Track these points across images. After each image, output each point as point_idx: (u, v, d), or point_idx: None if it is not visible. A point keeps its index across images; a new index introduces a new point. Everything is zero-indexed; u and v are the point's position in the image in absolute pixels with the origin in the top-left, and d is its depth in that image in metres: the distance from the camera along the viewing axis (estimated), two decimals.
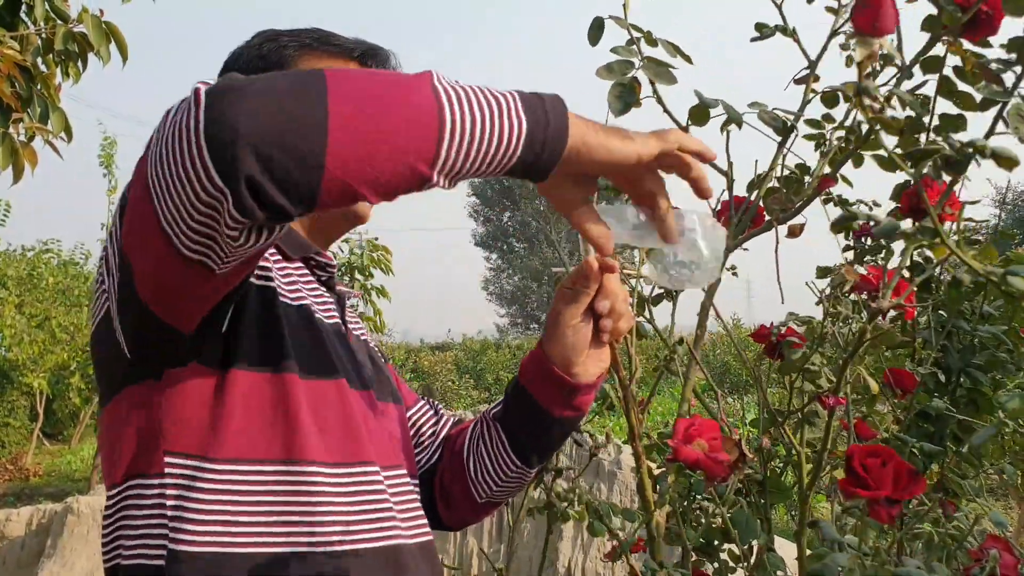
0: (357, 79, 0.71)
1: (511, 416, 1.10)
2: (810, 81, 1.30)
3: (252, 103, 0.66)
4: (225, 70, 1.09)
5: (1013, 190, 22.08)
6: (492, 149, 0.74)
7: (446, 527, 1.20)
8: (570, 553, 4.48)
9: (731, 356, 15.35)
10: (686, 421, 0.96)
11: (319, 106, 0.67)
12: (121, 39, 2.76)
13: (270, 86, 0.68)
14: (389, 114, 0.69)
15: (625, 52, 1.15)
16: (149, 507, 0.86)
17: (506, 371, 19.43)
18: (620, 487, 4.52)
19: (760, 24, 1.31)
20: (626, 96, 1.15)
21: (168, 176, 0.70)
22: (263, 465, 0.87)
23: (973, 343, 1.65)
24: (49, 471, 11.43)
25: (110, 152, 9.63)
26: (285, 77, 0.70)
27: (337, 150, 0.67)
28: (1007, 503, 3.02)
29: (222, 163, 0.66)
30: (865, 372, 1.12)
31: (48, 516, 5.43)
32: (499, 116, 0.74)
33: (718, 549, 1.45)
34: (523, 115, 0.75)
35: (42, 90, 2.68)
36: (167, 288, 0.80)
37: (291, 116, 0.66)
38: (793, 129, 1.27)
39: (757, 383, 1.34)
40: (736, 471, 0.92)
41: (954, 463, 1.68)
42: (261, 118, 0.65)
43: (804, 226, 1.30)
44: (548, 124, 0.76)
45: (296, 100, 0.67)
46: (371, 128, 0.69)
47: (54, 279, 10.94)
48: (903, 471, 0.84)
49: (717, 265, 0.88)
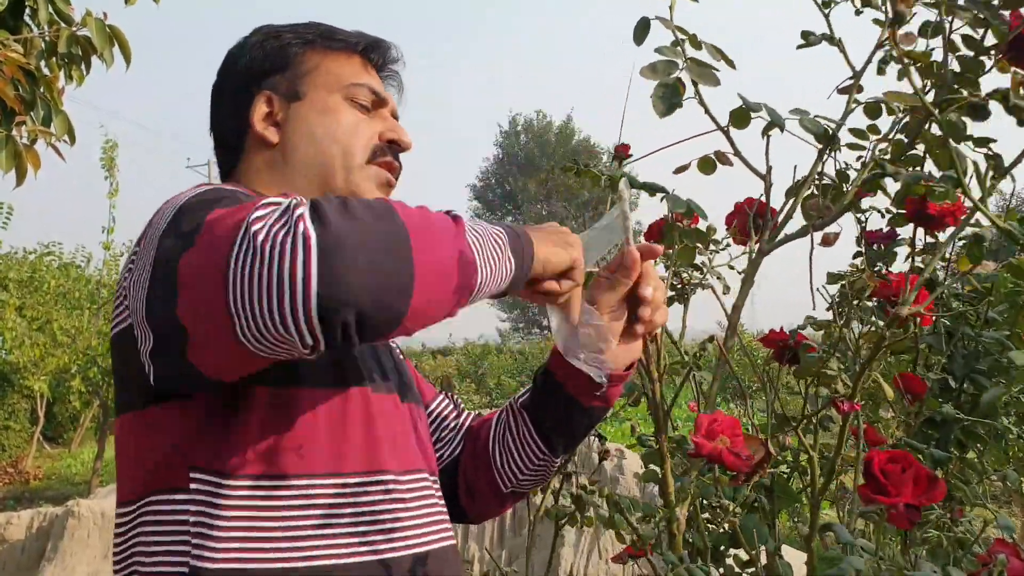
0: (430, 236, 0.76)
1: (539, 403, 1.10)
2: (853, 91, 1.29)
3: (362, 266, 0.69)
4: (226, 70, 1.09)
5: (1018, 196, 22.04)
6: (497, 283, 0.84)
7: (468, 520, 1.20)
8: (572, 559, 4.47)
9: (735, 362, 15.32)
10: (708, 417, 0.96)
11: (407, 268, 0.72)
12: (124, 42, 2.75)
13: (372, 243, 0.71)
14: (449, 277, 0.76)
15: (670, 53, 1.14)
16: (169, 523, 0.86)
17: (508, 375, 19.41)
18: (623, 492, 4.51)
19: (806, 32, 1.31)
20: (670, 96, 1.13)
21: (260, 303, 0.70)
22: (285, 480, 0.86)
23: (977, 348, 1.65)
24: (49, 474, 11.42)
25: (111, 155, 9.64)
26: (379, 228, 0.72)
27: (416, 307, 0.73)
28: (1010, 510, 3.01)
29: (328, 324, 0.69)
30: (881, 379, 1.11)
31: (49, 519, 5.42)
32: (501, 258, 0.83)
33: (724, 555, 1.44)
34: (510, 253, 0.85)
35: (45, 93, 2.67)
36: (224, 365, 0.80)
37: (388, 277, 0.71)
38: (834, 137, 1.26)
39: (764, 387, 1.33)
40: (760, 470, 0.92)
41: (958, 469, 1.67)
42: (367, 281, 0.70)
43: (839, 235, 1.28)
44: (523, 254, 0.86)
45: (392, 260, 0.71)
46: (438, 290, 0.76)
47: (55, 282, 10.92)
48: (923, 477, 0.83)
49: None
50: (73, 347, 9.99)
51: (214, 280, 0.71)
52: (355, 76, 1.06)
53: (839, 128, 1.25)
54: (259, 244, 0.69)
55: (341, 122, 1.03)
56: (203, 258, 0.74)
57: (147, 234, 0.88)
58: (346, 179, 1.02)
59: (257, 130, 1.03)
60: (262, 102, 1.04)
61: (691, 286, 1.42)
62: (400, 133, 1.07)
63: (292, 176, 1.03)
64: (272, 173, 1.03)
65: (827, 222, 1.24)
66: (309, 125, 1.03)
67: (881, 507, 0.83)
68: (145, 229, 0.90)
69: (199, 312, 0.76)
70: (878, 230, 1.50)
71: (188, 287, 0.76)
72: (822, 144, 1.25)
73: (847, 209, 1.25)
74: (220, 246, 0.72)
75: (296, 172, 1.02)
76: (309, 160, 1.02)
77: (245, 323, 0.70)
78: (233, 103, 1.06)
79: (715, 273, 1.36)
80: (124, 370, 0.92)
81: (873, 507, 0.84)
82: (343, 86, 1.04)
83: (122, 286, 0.91)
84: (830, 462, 1.18)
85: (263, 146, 1.04)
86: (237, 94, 1.06)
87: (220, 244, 0.72)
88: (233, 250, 0.70)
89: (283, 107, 1.04)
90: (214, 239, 0.73)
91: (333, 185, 1.02)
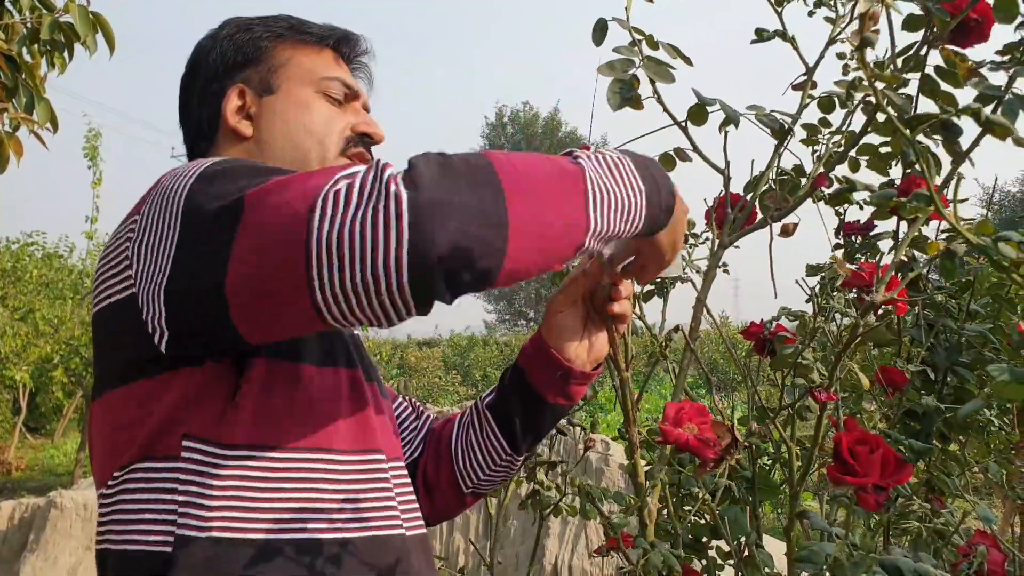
0: (529, 183, 0.74)
1: (505, 400, 1.12)
2: (807, 87, 1.33)
3: (453, 225, 0.68)
4: (196, 62, 1.09)
5: (1000, 190, 22.26)
6: (620, 231, 0.83)
7: (425, 522, 1.21)
8: (556, 550, 4.49)
9: (719, 354, 15.43)
10: (676, 405, 0.96)
11: (502, 218, 0.71)
12: (108, 29, 2.73)
13: (462, 200, 0.69)
14: (556, 205, 0.75)
15: (627, 52, 1.18)
16: (153, 491, 0.85)
17: (493, 367, 19.45)
18: (608, 484, 4.53)
19: (760, 29, 1.34)
20: (624, 92, 1.17)
21: (347, 271, 0.69)
22: (280, 452, 0.86)
23: (960, 341, 1.66)
24: (32, 465, 11.37)
25: (95, 144, 9.57)
26: (469, 181, 0.71)
27: (515, 256, 0.72)
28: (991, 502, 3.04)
29: (419, 290, 0.69)
30: (857, 368, 1.12)
31: (31, 510, 5.39)
32: (631, 210, 0.82)
33: (707, 546, 1.45)
34: (644, 205, 0.84)
35: (27, 80, 2.65)
36: (277, 326, 0.78)
37: (480, 231, 0.69)
38: (790, 132, 1.29)
39: (746, 379, 1.34)
40: (727, 456, 0.92)
41: (940, 461, 1.69)
42: (459, 241, 0.68)
43: (797, 225, 1.31)
44: (660, 208, 0.86)
45: (483, 216, 0.70)
46: (543, 231, 0.74)
47: (38, 272, 10.85)
48: (891, 458, 0.84)
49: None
50: (56, 337, 9.94)
51: (290, 243, 0.70)
52: (327, 70, 1.07)
53: (795, 123, 1.30)
54: (346, 208, 0.69)
55: (314, 116, 1.04)
56: (271, 220, 0.73)
57: (153, 200, 0.85)
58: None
59: (230, 123, 1.04)
60: (234, 95, 1.04)
61: (670, 279, 1.43)
62: (372, 126, 1.08)
63: None
64: None
65: (784, 213, 1.27)
66: (283, 119, 1.04)
67: (850, 489, 0.84)
68: (147, 196, 0.87)
69: (262, 276, 0.74)
70: (856, 221, 1.52)
71: (252, 249, 0.74)
72: (778, 139, 1.29)
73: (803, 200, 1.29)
74: (297, 208, 0.71)
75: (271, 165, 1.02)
76: (284, 154, 1.03)
77: (325, 285, 0.70)
78: (205, 95, 1.07)
79: (694, 267, 1.37)
80: (112, 342, 0.90)
81: (843, 489, 0.85)
82: (315, 80, 1.06)
83: (118, 254, 0.88)
84: (808, 453, 1.19)
85: (236, 138, 1.05)
86: (209, 86, 1.06)
87: (297, 206, 0.71)
88: (315, 213, 0.69)
89: (255, 101, 1.05)
90: (284, 202, 0.72)
91: None
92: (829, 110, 1.40)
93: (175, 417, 0.85)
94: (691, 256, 1.38)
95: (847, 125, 1.34)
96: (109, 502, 0.89)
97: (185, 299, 0.81)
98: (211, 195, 0.79)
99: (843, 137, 1.35)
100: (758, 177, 1.34)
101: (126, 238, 0.87)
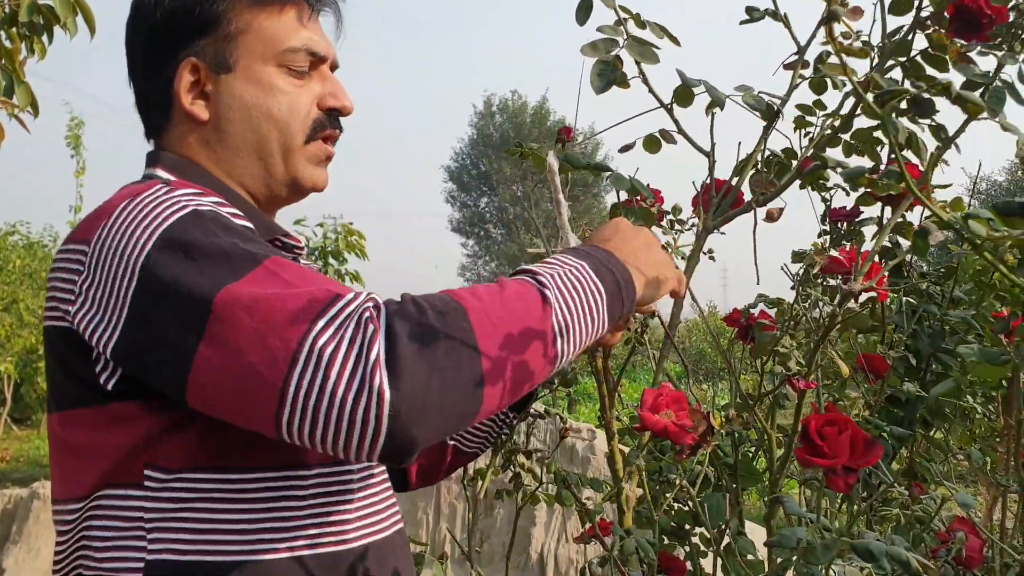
0: (503, 338, 0.76)
1: None
2: (798, 67, 1.30)
3: (434, 424, 0.73)
4: (137, 21, 0.98)
5: (987, 179, 22.32)
6: (592, 334, 0.86)
7: (409, 487, 1.22)
8: (543, 539, 4.49)
9: (706, 344, 15.47)
10: (654, 392, 0.96)
11: (478, 395, 0.75)
12: (88, 11, 2.69)
13: (442, 385, 0.73)
14: (528, 351, 0.78)
15: (611, 31, 1.15)
16: (123, 518, 0.83)
17: None
18: (595, 472, 4.53)
19: (750, 8, 1.32)
20: (608, 74, 1.14)
21: (320, 428, 0.72)
22: (246, 472, 0.84)
23: (943, 328, 1.66)
24: (17, 456, 11.28)
25: (77, 133, 9.48)
26: (447, 351, 0.73)
27: (485, 412, 0.77)
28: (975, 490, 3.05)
29: (389, 460, 0.74)
30: (837, 356, 1.12)
31: (14, 502, 5.35)
32: (593, 325, 0.85)
33: (689, 533, 1.45)
34: (605, 315, 0.86)
35: (7, 64, 2.61)
36: (232, 418, 0.79)
37: (458, 411, 0.75)
38: (779, 113, 1.27)
39: (729, 367, 1.33)
40: (704, 443, 0.92)
41: (923, 448, 1.69)
42: (438, 429, 0.74)
43: (782, 211, 1.29)
44: (620, 289, 0.88)
45: (464, 400, 0.75)
46: (516, 376, 0.78)
47: (21, 261, 10.77)
48: (859, 439, 0.84)
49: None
50: (40, 327, 9.85)
51: (266, 387, 0.72)
52: (289, 38, 0.97)
53: (784, 104, 1.27)
54: (326, 372, 0.71)
55: (278, 99, 0.96)
56: (246, 349, 0.73)
57: (105, 241, 0.81)
58: (285, 164, 0.98)
59: (184, 105, 0.96)
60: (186, 71, 0.95)
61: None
62: (340, 98, 1.00)
63: (230, 158, 0.97)
64: (208, 151, 0.97)
65: (770, 197, 1.25)
66: (242, 103, 0.96)
67: (820, 471, 0.84)
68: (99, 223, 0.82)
69: (229, 391, 0.75)
70: (842, 208, 1.50)
71: (221, 368, 0.75)
72: (766, 120, 1.27)
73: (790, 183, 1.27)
74: (276, 355, 0.72)
75: (233, 154, 0.97)
76: (245, 142, 0.96)
77: (292, 419, 0.73)
78: (152, 62, 0.98)
79: (680, 253, 1.36)
80: (61, 364, 0.87)
81: (812, 471, 0.85)
82: (276, 53, 0.96)
83: (66, 278, 0.84)
84: (789, 440, 1.18)
85: (192, 122, 0.97)
86: (156, 52, 0.97)
87: (276, 351, 0.72)
88: (294, 370, 0.71)
89: (211, 78, 0.96)
90: (259, 335, 0.73)
91: (273, 171, 0.98)
92: (821, 91, 1.37)
93: (134, 444, 0.83)
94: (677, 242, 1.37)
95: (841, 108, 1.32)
96: (71, 528, 0.87)
97: (135, 365, 0.80)
98: (175, 274, 0.77)
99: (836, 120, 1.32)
100: (745, 160, 1.32)
101: (75, 268, 0.84)
